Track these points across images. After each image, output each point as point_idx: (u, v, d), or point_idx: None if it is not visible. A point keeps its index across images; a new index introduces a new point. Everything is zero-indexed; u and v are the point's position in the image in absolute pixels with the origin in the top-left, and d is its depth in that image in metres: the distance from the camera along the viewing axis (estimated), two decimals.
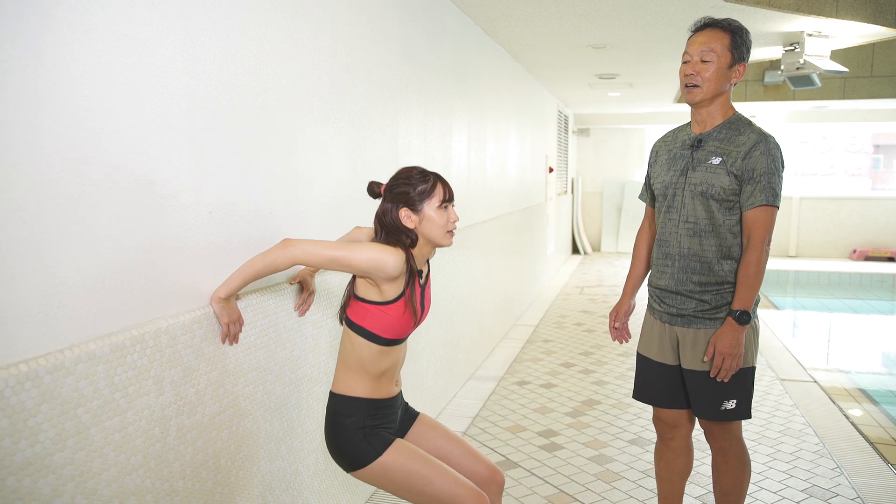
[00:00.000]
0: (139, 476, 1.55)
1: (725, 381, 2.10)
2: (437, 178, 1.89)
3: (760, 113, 10.20)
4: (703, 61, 2.09)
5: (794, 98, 7.23)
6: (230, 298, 1.83)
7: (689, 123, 2.26)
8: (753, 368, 2.18)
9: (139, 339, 1.55)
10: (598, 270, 9.60)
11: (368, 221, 2.78)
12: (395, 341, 1.89)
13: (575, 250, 11.48)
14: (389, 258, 1.77)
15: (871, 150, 14.21)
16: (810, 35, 4.97)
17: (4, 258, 1.23)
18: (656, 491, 2.53)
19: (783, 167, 2.12)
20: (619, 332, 2.48)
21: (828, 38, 5.04)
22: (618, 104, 9.78)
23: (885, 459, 3.30)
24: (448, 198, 1.88)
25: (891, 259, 10.77)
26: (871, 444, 3.50)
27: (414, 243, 1.86)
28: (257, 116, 2.03)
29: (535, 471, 3.18)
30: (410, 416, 2.06)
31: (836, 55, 5.64)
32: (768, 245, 2.09)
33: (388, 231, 1.86)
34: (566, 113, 10.07)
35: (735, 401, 2.14)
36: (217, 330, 1.83)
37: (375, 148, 2.87)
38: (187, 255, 1.73)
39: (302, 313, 2.25)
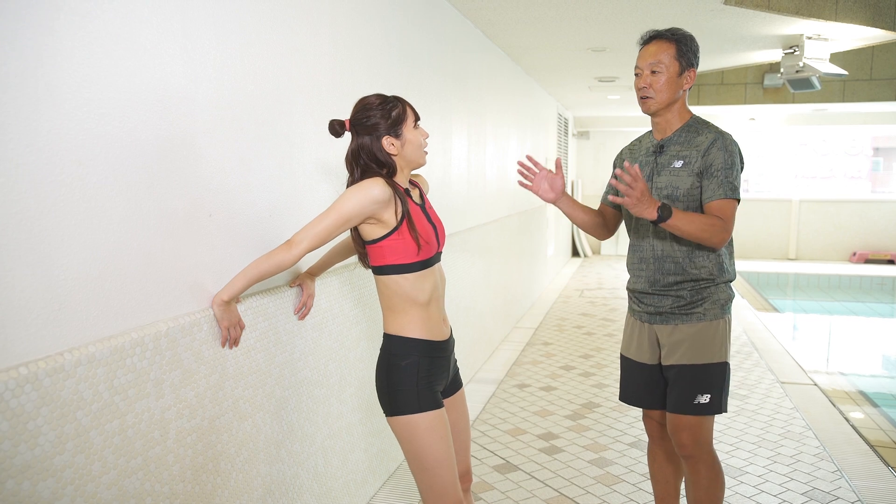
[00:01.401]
0: (139, 479, 1.55)
1: (618, 190, 2.14)
2: (402, 100, 1.89)
3: (760, 116, 10.21)
4: (653, 72, 2.16)
5: (793, 101, 7.23)
6: (231, 302, 1.83)
7: (651, 131, 2.32)
8: (727, 364, 2.20)
9: (139, 342, 1.54)
10: (598, 273, 9.60)
11: None
12: (424, 263, 1.86)
13: (575, 253, 11.48)
14: (371, 187, 1.77)
15: (871, 153, 14.23)
16: (810, 38, 4.98)
17: (4, 260, 1.23)
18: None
19: (742, 164, 2.17)
20: (532, 173, 2.29)
21: (827, 41, 5.05)
22: (617, 107, 9.79)
23: (885, 462, 3.30)
24: (417, 116, 1.91)
25: (891, 262, 10.76)
26: (871, 447, 3.49)
27: (392, 172, 1.86)
28: (257, 119, 2.03)
29: (536, 474, 3.18)
30: (457, 383, 2.06)
31: (836, 58, 5.65)
32: (728, 232, 2.09)
33: (365, 168, 1.85)
34: (566, 115, 10.08)
35: (709, 395, 2.17)
36: (217, 333, 1.83)
37: None
38: (187, 257, 1.73)
39: (302, 317, 2.24)
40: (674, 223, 2.04)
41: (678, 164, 2.17)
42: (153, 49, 1.59)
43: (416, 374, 1.85)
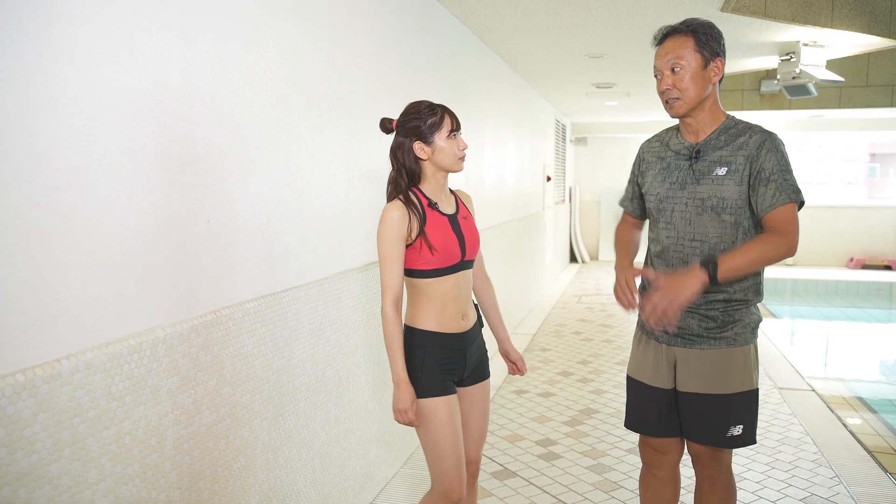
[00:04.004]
0: (135, 486, 1.54)
1: (648, 321, 1.85)
2: (444, 110, 2.01)
3: (758, 122, 10.20)
4: (673, 71, 1.94)
5: (790, 107, 7.25)
6: (396, 375, 1.93)
7: (677, 128, 2.09)
8: (757, 391, 2.02)
9: (136, 349, 1.54)
10: (596, 279, 9.60)
11: (366, 230, 2.79)
12: (443, 270, 1.98)
13: (573, 259, 11.49)
14: (390, 214, 1.92)
15: (868, 159, 14.28)
16: (806, 45, 5.00)
17: (2, 266, 1.23)
18: None
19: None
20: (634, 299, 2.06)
21: (823, 48, 5.07)
22: (615, 113, 9.81)
23: (883, 468, 3.30)
24: (455, 127, 2.00)
25: (888, 268, 10.78)
26: (869, 452, 3.49)
27: (414, 179, 2.00)
28: (255, 125, 2.03)
29: (534, 480, 3.17)
30: (480, 375, 2.14)
31: (832, 65, 5.67)
32: (792, 238, 1.87)
33: (400, 165, 2.00)
34: (564, 122, 10.10)
35: (742, 426, 1.98)
36: (214, 338, 1.83)
37: (374, 157, 2.87)
38: (185, 263, 1.73)
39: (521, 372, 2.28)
40: (727, 269, 1.81)
41: (721, 171, 1.93)
42: (152, 56, 1.59)
43: (422, 362, 1.98)
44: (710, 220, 1.96)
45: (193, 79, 1.74)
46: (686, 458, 2.32)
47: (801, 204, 1.91)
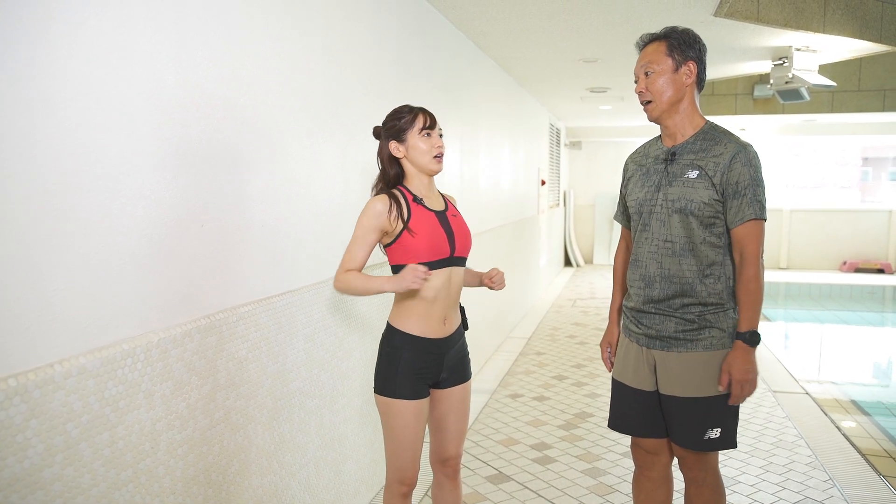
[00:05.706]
0: (129, 492, 1.54)
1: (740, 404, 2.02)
2: (419, 109, 2.06)
3: (751, 126, 10.29)
4: (646, 75, 2.03)
5: (783, 111, 7.30)
6: (386, 287, 1.96)
7: (659, 137, 2.14)
8: None
9: (130, 353, 1.54)
10: (591, 283, 9.62)
11: None
12: (431, 265, 1.99)
13: (567, 263, 11.50)
14: (372, 204, 1.99)
15: (860, 163, 14.36)
16: (798, 50, 5.03)
17: None
18: None
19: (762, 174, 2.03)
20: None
21: (815, 53, 5.11)
22: (609, 117, 9.85)
23: (877, 471, 3.31)
24: (428, 125, 2.04)
25: (880, 271, 10.84)
26: (863, 455, 3.51)
27: (397, 177, 2.07)
28: (250, 128, 2.03)
29: (529, 484, 3.17)
30: (461, 377, 2.16)
31: (824, 69, 5.71)
32: (762, 258, 1.98)
33: (384, 164, 2.08)
34: (558, 126, 10.13)
35: (720, 429, 2.01)
36: (208, 343, 1.83)
37: (370, 160, 2.87)
38: (179, 268, 1.73)
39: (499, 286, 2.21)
40: (752, 324, 1.95)
41: (693, 174, 1.98)
42: (147, 59, 1.59)
43: (398, 365, 2.03)
44: (679, 222, 2.02)
45: (188, 82, 1.74)
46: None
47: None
